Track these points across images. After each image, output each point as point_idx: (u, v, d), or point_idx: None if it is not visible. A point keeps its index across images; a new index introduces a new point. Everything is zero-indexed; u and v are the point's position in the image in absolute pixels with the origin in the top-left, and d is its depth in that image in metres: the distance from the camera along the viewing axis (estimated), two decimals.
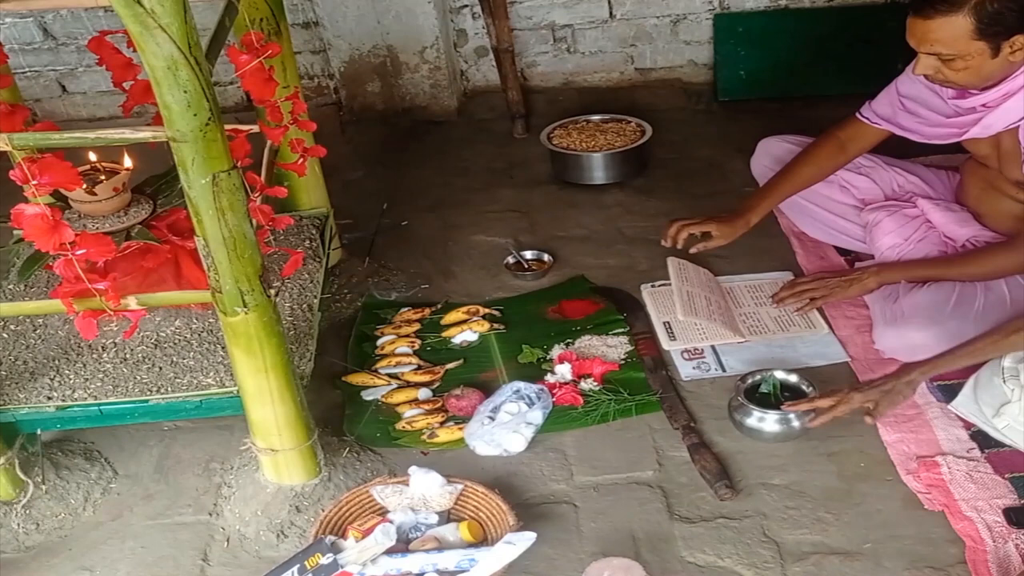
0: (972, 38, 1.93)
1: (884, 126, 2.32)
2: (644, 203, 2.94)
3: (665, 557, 1.78)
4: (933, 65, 2.02)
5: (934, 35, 1.97)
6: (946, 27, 1.94)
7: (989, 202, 2.25)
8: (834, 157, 2.44)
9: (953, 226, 2.31)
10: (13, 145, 1.49)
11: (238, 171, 1.56)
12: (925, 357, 2.08)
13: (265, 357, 1.72)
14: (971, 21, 1.91)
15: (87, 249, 1.57)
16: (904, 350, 2.12)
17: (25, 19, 3.50)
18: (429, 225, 2.92)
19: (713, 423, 2.07)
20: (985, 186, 2.24)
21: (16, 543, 1.92)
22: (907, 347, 2.11)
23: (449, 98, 3.55)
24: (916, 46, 2.03)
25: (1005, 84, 2.02)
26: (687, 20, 3.52)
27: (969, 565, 1.69)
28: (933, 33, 1.97)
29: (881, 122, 2.33)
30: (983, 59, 1.96)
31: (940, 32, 1.95)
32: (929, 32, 1.97)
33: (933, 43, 1.98)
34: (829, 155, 2.44)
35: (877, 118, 2.33)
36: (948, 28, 1.94)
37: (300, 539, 1.86)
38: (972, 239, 2.27)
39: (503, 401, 2.11)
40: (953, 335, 2.08)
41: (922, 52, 2.02)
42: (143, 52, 1.38)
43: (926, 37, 1.99)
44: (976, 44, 1.94)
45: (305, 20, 3.48)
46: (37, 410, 1.91)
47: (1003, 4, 1.90)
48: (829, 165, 2.45)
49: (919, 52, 2.03)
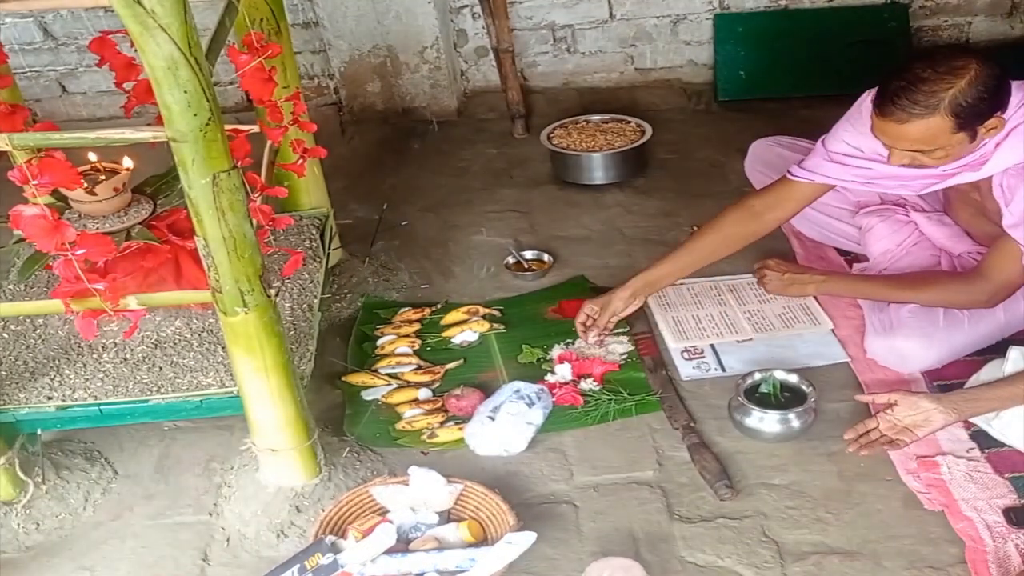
0: (951, 133, 1.88)
1: (816, 179, 2.18)
2: (644, 203, 2.94)
3: (665, 557, 1.78)
4: (909, 156, 1.95)
5: (912, 136, 1.89)
6: (923, 128, 1.87)
7: (979, 225, 2.22)
8: (743, 224, 2.28)
9: (947, 241, 2.30)
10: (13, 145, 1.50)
11: (238, 171, 1.56)
12: (915, 366, 2.09)
13: (265, 357, 1.72)
14: (948, 119, 1.85)
15: (87, 249, 1.57)
16: (894, 359, 2.13)
17: (25, 19, 3.50)
18: (429, 225, 2.92)
19: (713, 423, 2.07)
20: (974, 211, 2.21)
21: (16, 543, 1.92)
22: (897, 356, 2.12)
23: (449, 98, 3.55)
24: (891, 144, 1.95)
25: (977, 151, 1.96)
26: (687, 20, 3.52)
27: (969, 565, 1.69)
28: (911, 135, 1.89)
29: (820, 177, 2.18)
30: (963, 146, 1.92)
31: (919, 133, 1.88)
32: (906, 134, 1.90)
33: (912, 143, 1.91)
34: (736, 221, 2.28)
35: (808, 172, 2.19)
36: (925, 129, 1.87)
37: (300, 539, 1.86)
38: (968, 254, 2.26)
39: (503, 401, 2.11)
40: (943, 345, 2.09)
41: (897, 149, 1.95)
42: (143, 52, 1.38)
43: (903, 138, 1.91)
44: (955, 136, 1.89)
45: (305, 20, 3.48)
46: (37, 410, 1.91)
47: (975, 95, 1.84)
48: (736, 233, 2.29)
49: (893, 148, 1.95)
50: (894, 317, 2.15)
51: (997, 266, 2.04)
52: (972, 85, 1.84)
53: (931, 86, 1.84)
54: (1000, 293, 2.06)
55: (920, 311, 2.13)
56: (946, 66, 1.85)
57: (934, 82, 1.84)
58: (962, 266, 2.25)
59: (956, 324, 2.10)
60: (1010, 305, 2.11)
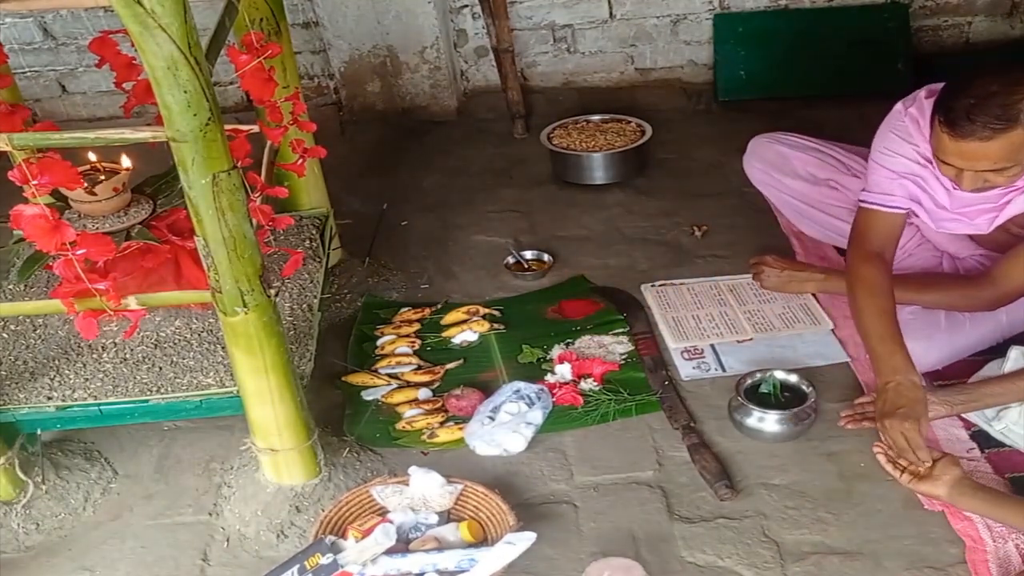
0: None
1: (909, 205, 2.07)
2: (644, 203, 2.94)
3: (665, 557, 1.78)
4: (982, 177, 1.88)
5: (994, 153, 1.82)
6: (1007, 143, 1.80)
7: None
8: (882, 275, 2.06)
9: (951, 246, 2.29)
10: (13, 145, 1.49)
11: (238, 171, 1.56)
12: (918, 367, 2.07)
13: (265, 357, 1.72)
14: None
15: (87, 249, 1.57)
16: None
17: (25, 19, 3.50)
18: (429, 225, 2.92)
19: (713, 423, 2.07)
20: None
21: (16, 543, 1.92)
22: None
23: (449, 98, 3.55)
24: (967, 166, 1.86)
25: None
26: (687, 20, 3.52)
27: (969, 565, 1.69)
28: (992, 152, 1.82)
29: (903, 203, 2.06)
30: None
31: (1000, 150, 1.81)
32: (987, 153, 1.82)
33: (993, 161, 1.83)
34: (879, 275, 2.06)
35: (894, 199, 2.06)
36: (1008, 144, 1.80)
37: (300, 539, 1.86)
38: (971, 257, 2.26)
39: (503, 401, 2.11)
40: (944, 346, 2.09)
41: (973, 171, 1.86)
42: (143, 52, 1.38)
43: (983, 157, 1.83)
44: None
45: (305, 20, 3.48)
46: (37, 410, 1.91)
47: None
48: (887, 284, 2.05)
49: (966, 170, 1.87)
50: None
51: (1011, 273, 2.03)
52: None
53: (1005, 99, 1.77)
54: (1005, 299, 2.06)
55: (921, 312, 2.13)
56: (1008, 78, 1.79)
57: (1006, 95, 1.78)
58: (964, 269, 2.25)
59: (957, 326, 2.10)
60: (1012, 307, 2.10)
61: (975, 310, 2.09)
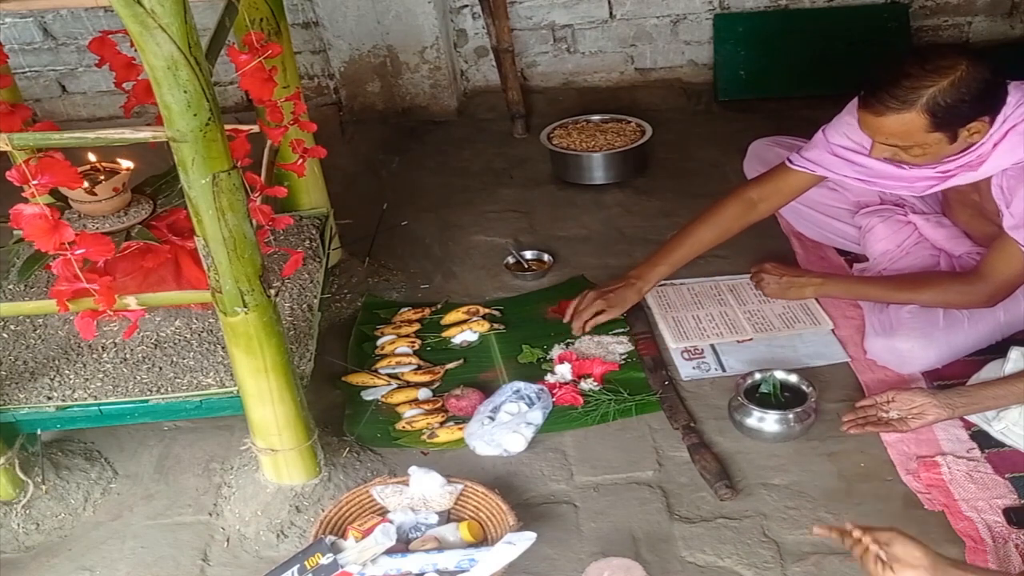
0: (927, 131, 1.90)
1: (818, 171, 2.23)
2: (644, 203, 2.94)
3: (665, 557, 1.78)
4: (890, 150, 1.98)
5: (888, 129, 1.93)
6: (899, 123, 1.90)
7: (978, 226, 2.22)
8: (741, 217, 2.33)
9: (946, 242, 2.30)
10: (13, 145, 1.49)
11: (238, 171, 1.56)
12: (915, 367, 2.09)
13: (265, 357, 1.72)
14: (924, 117, 1.88)
15: (86, 249, 1.57)
16: (894, 359, 2.13)
17: (25, 19, 3.49)
18: (429, 225, 2.92)
19: (713, 423, 2.07)
20: (973, 212, 2.21)
21: (16, 543, 1.92)
22: (897, 356, 2.12)
23: (449, 98, 3.55)
24: (871, 136, 1.99)
25: (974, 151, 1.97)
26: (687, 20, 3.52)
27: None
28: (886, 128, 1.93)
29: (813, 166, 2.22)
30: (941, 146, 1.94)
31: (893, 128, 1.92)
32: (882, 127, 1.93)
33: (888, 136, 1.94)
34: (735, 216, 2.33)
35: (809, 163, 2.23)
36: (901, 124, 1.90)
37: (300, 539, 1.86)
38: (967, 254, 2.26)
39: (503, 401, 2.11)
40: (943, 345, 2.09)
41: (877, 142, 1.98)
42: (143, 52, 1.38)
43: (879, 130, 1.95)
44: (932, 135, 1.91)
45: (305, 20, 3.48)
46: (37, 410, 1.91)
47: (955, 98, 1.86)
48: (734, 226, 2.34)
49: (874, 140, 1.99)
50: (894, 317, 2.14)
51: (997, 267, 2.04)
52: (955, 86, 1.85)
53: (913, 82, 1.86)
54: (999, 293, 2.06)
55: (920, 311, 2.13)
56: (934, 64, 1.87)
57: (917, 79, 1.86)
58: (961, 267, 2.25)
59: (956, 324, 2.11)
60: (1009, 305, 2.11)
61: (973, 306, 2.10)
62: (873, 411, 1.95)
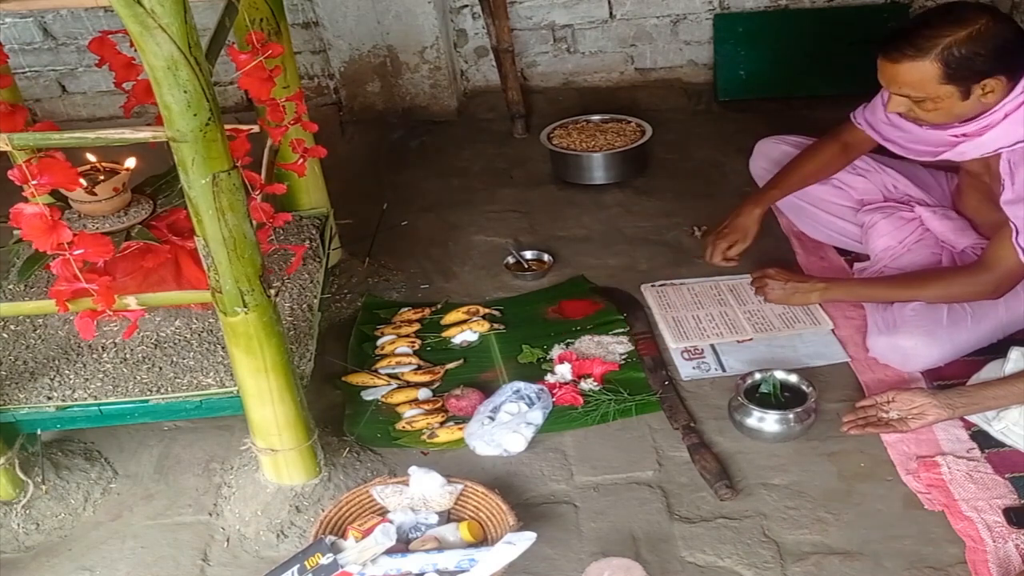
0: (940, 82, 1.91)
1: (870, 133, 2.31)
2: (644, 203, 2.94)
3: (665, 557, 1.78)
4: (904, 104, 2.01)
5: (902, 78, 1.96)
6: (913, 71, 1.93)
7: (986, 213, 2.22)
8: (837, 158, 2.45)
9: (951, 235, 2.30)
10: (13, 145, 1.49)
11: (238, 171, 1.55)
12: (919, 365, 2.08)
13: (265, 357, 1.72)
14: (938, 66, 1.89)
15: (85, 249, 1.57)
16: (898, 357, 2.13)
17: (25, 19, 3.50)
18: (429, 225, 2.92)
19: (713, 423, 2.07)
20: (982, 197, 2.22)
21: (16, 543, 1.92)
22: (900, 354, 2.12)
23: (449, 98, 3.55)
24: (886, 86, 2.02)
25: (984, 118, 1.98)
26: (687, 20, 3.52)
27: (969, 565, 1.69)
28: (901, 76, 1.95)
29: (868, 128, 2.32)
30: (953, 101, 1.95)
31: (907, 76, 1.94)
32: (897, 75, 1.96)
33: (901, 85, 1.97)
34: (833, 156, 2.45)
35: (865, 124, 2.33)
36: (915, 72, 1.93)
37: (300, 539, 1.86)
38: (971, 248, 2.27)
39: (503, 401, 2.11)
40: (946, 343, 2.09)
41: (892, 92, 2.01)
42: (143, 52, 1.38)
43: (894, 79, 1.98)
44: (944, 88, 1.92)
45: (305, 20, 3.48)
46: (37, 410, 1.91)
47: (971, 50, 1.87)
48: (833, 165, 2.46)
49: (890, 91, 2.02)
50: (897, 315, 2.14)
51: (1000, 255, 2.04)
52: (972, 39, 1.87)
53: (933, 31, 1.89)
54: (1005, 282, 2.06)
55: (923, 309, 2.13)
56: (956, 16, 1.89)
57: (937, 28, 1.89)
58: (963, 262, 2.26)
59: (960, 322, 2.10)
60: (1011, 302, 2.11)
61: (979, 298, 2.09)
62: (873, 411, 1.95)
